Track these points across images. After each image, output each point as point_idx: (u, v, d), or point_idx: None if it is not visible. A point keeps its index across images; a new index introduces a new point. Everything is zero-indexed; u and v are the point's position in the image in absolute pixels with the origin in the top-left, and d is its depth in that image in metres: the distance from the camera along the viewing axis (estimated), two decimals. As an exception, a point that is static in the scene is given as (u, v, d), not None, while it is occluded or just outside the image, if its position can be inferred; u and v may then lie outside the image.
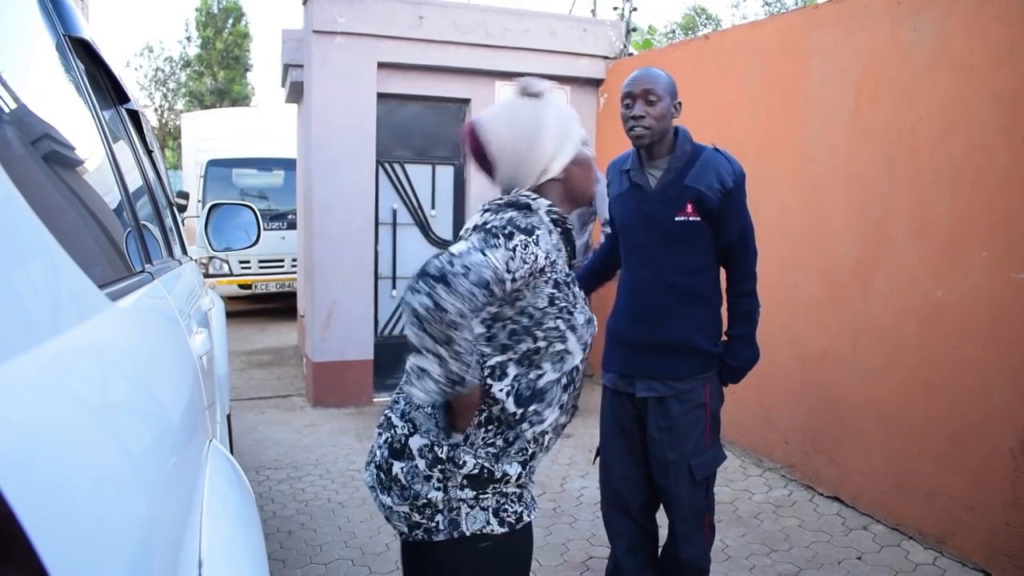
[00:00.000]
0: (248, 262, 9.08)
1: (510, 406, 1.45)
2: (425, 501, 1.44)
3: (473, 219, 1.52)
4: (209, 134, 10.22)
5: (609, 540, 2.68)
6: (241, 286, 9.15)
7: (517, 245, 1.37)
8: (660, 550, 2.67)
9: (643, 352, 2.39)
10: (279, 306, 9.92)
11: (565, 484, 3.98)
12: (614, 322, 2.51)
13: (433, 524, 1.46)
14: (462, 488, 1.46)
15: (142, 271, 1.30)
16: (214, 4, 24.59)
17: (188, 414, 1.08)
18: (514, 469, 1.50)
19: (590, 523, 3.47)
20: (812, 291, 3.81)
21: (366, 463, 1.57)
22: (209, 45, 24.46)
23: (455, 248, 1.36)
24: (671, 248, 2.34)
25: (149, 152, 2.80)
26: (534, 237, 1.41)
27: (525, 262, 1.38)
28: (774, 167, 3.92)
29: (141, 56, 30.00)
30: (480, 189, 5.63)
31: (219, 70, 24.49)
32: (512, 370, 1.47)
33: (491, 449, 1.47)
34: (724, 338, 2.46)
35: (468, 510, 1.47)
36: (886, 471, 3.42)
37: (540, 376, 1.49)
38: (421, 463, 1.45)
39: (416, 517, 1.46)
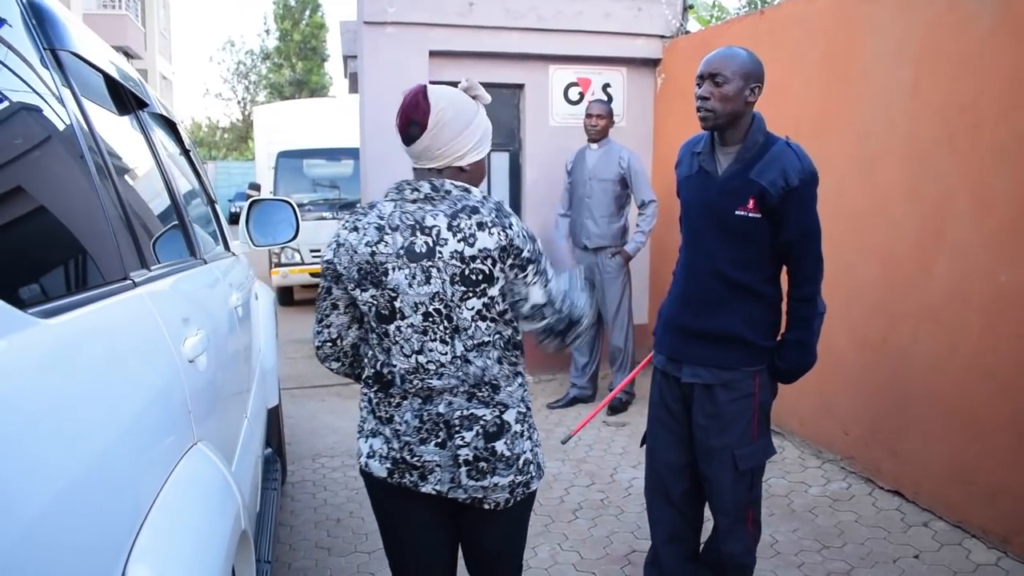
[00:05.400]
0: (319, 251, 9.25)
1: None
2: (526, 456, 1.68)
3: (432, 213, 1.61)
4: (279, 126, 10.45)
5: (650, 529, 2.64)
6: (313, 274, 9.33)
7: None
8: (703, 546, 2.61)
9: (691, 338, 2.35)
10: (350, 294, 10.07)
11: (615, 474, 3.93)
12: (667, 304, 2.48)
13: (530, 475, 1.69)
14: (534, 429, 1.74)
15: (124, 278, 1.32)
16: (291, -3, 25.17)
17: (144, 420, 1.09)
18: None
19: (636, 515, 3.41)
20: (870, 274, 3.64)
21: (421, 475, 1.67)
22: (287, 37, 25.06)
23: (536, 250, 1.66)
24: (726, 239, 2.27)
25: (186, 152, 2.87)
26: None
27: None
28: (830, 145, 3.74)
29: (223, 51, 31.07)
30: (536, 175, 5.58)
31: (297, 61, 25.07)
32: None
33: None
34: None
35: (539, 448, 1.75)
36: (948, 465, 3.24)
37: None
38: (518, 427, 1.67)
39: (518, 478, 1.67)
